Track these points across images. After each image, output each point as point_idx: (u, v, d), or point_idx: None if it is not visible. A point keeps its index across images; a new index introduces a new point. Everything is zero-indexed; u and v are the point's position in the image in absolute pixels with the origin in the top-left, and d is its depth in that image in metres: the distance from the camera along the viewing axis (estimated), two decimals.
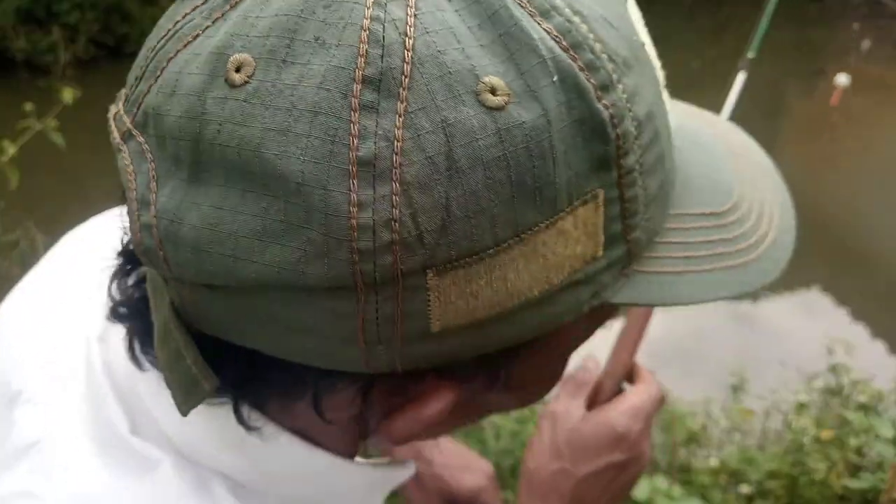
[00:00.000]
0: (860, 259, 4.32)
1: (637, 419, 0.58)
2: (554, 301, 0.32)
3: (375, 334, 0.30)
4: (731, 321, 3.79)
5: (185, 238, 0.29)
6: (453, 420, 0.38)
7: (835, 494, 1.77)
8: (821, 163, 5.55)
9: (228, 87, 0.29)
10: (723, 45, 8.51)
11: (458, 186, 0.28)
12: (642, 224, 0.33)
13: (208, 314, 0.32)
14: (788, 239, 0.42)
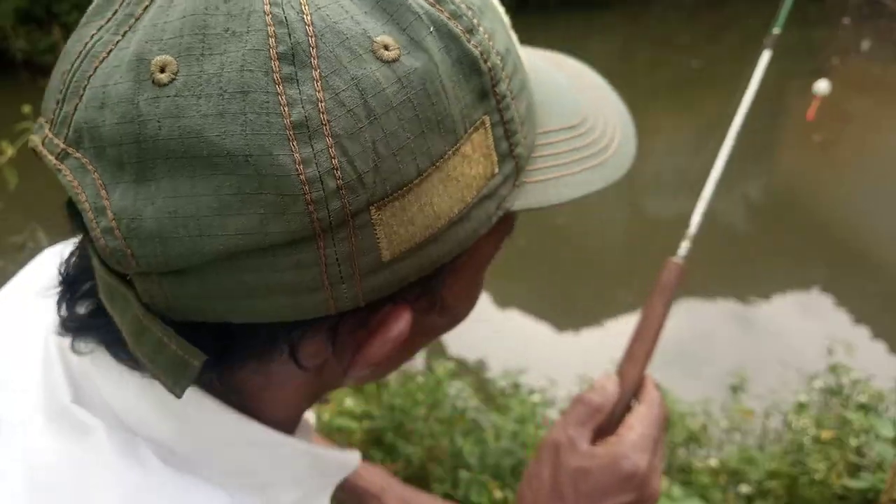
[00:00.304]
0: (860, 259, 4.32)
1: (645, 452, 0.56)
2: (470, 217, 0.38)
3: (338, 275, 0.35)
4: (732, 321, 3.79)
5: (149, 230, 0.32)
6: (409, 345, 0.43)
7: (834, 494, 1.77)
8: (821, 163, 5.55)
9: (157, 87, 0.32)
10: (723, 46, 8.51)
11: (378, 130, 0.33)
12: (522, 141, 0.40)
13: (177, 301, 0.35)
14: (631, 138, 0.49)
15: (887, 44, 8.17)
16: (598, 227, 4.88)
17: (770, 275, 4.18)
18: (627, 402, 0.60)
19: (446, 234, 0.37)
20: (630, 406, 0.60)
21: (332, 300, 0.36)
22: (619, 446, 0.56)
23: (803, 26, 8.85)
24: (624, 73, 7.76)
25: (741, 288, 4.04)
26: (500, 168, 0.39)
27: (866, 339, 3.58)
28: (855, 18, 8.88)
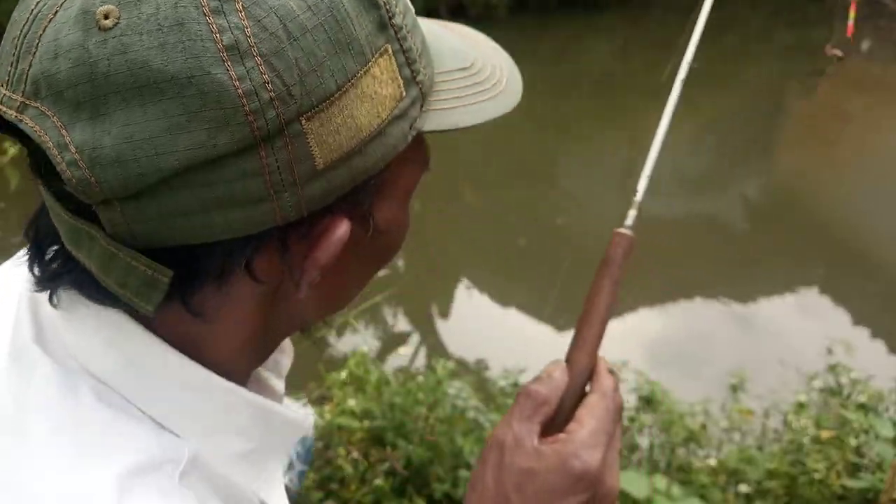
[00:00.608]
0: (860, 259, 4.32)
1: (597, 448, 0.53)
2: (387, 133, 0.44)
3: (280, 183, 0.40)
4: (731, 321, 3.79)
5: (109, 157, 0.37)
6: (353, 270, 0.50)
7: (834, 494, 1.77)
8: (820, 163, 5.55)
9: (104, 32, 0.36)
10: (722, 46, 8.51)
11: (299, 50, 0.38)
12: (422, 70, 0.46)
13: (139, 227, 0.40)
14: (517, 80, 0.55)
15: (887, 44, 8.17)
16: (597, 227, 4.88)
17: (769, 275, 4.18)
18: (579, 391, 0.56)
19: (369, 147, 0.43)
20: (583, 394, 0.56)
21: (278, 209, 0.41)
22: (569, 445, 0.53)
23: (803, 26, 8.85)
24: (623, 73, 7.76)
25: (741, 288, 4.04)
26: (407, 92, 0.45)
27: (866, 339, 3.58)
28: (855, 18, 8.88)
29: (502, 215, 4.72)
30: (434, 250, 4.42)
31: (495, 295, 4.01)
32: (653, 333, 3.67)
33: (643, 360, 3.33)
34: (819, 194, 5.03)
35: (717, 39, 8.66)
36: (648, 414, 1.89)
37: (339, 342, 3.58)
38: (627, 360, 1.92)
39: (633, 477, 1.54)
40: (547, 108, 6.69)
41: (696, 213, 4.84)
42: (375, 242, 0.50)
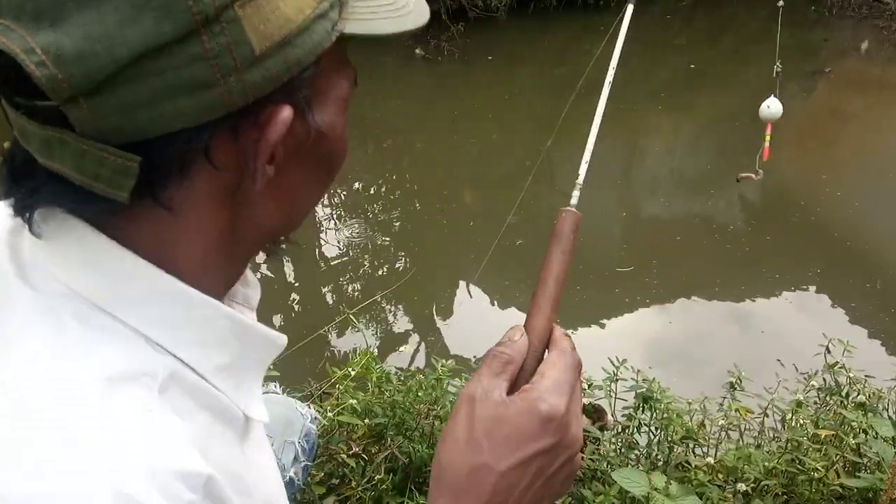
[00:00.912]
0: (859, 259, 4.32)
1: (561, 394, 0.55)
2: (313, 30, 0.50)
3: (223, 67, 0.45)
4: (731, 320, 3.80)
5: (71, 54, 0.42)
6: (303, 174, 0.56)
7: (833, 493, 1.78)
8: (820, 163, 5.56)
9: None
10: (720, 47, 8.51)
11: None
12: None
13: (103, 122, 0.44)
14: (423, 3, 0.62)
15: (887, 44, 8.17)
16: (596, 227, 4.89)
17: (768, 274, 4.19)
18: (539, 353, 0.60)
19: (298, 40, 0.49)
20: (542, 356, 0.59)
21: (226, 94, 0.46)
22: (534, 392, 0.55)
23: (803, 26, 8.85)
24: (622, 73, 7.75)
25: (739, 287, 4.04)
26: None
27: (864, 339, 3.59)
28: (855, 18, 8.88)
29: (502, 215, 4.72)
30: (434, 250, 4.43)
31: (495, 294, 4.02)
32: (651, 332, 3.67)
33: (641, 359, 3.34)
34: (818, 194, 5.03)
35: (715, 41, 8.67)
36: (646, 412, 1.89)
37: (339, 341, 3.58)
38: (626, 358, 1.92)
39: (632, 474, 1.55)
40: (546, 108, 6.69)
41: (694, 212, 4.85)
42: (319, 147, 0.56)
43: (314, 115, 0.54)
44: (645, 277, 4.11)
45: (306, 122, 0.54)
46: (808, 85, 7.28)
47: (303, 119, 0.53)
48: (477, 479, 0.53)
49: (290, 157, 0.54)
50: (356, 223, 4.97)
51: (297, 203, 0.60)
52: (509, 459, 0.53)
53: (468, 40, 7.92)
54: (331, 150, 0.59)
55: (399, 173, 5.70)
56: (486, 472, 0.53)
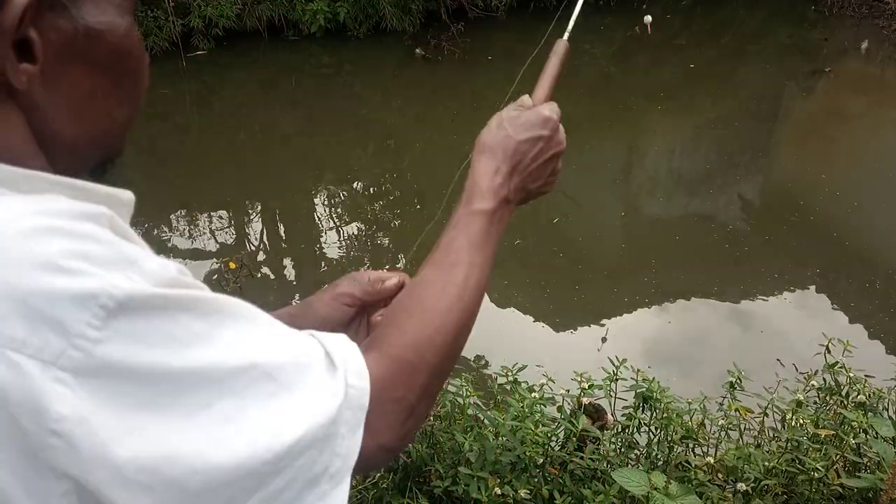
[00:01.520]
0: (858, 259, 4.33)
1: (554, 112, 0.84)
2: None
3: None
4: (730, 320, 3.80)
5: None
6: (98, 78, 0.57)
7: (833, 493, 1.78)
8: (821, 162, 5.56)
9: None
10: (719, 47, 8.52)
11: None
12: None
13: None
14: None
15: (887, 44, 8.18)
16: (595, 227, 4.89)
17: (768, 274, 4.19)
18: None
19: None
20: None
21: None
22: (539, 106, 0.85)
23: (803, 26, 8.86)
24: (622, 73, 7.76)
25: (739, 287, 4.05)
26: None
27: (864, 339, 3.59)
28: (855, 18, 8.88)
29: None
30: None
31: (494, 294, 4.02)
32: (651, 332, 3.67)
33: (641, 359, 3.34)
34: (817, 194, 5.03)
35: (714, 41, 8.68)
36: (646, 412, 1.89)
37: None
38: (626, 357, 1.92)
39: (632, 474, 1.55)
40: None
41: (694, 212, 4.85)
42: (97, 48, 0.56)
43: (79, 9, 0.54)
44: (644, 277, 4.11)
45: (70, 15, 0.53)
46: (808, 85, 7.28)
47: (64, 12, 0.53)
48: (504, 143, 0.82)
49: (61, 57, 0.53)
50: (356, 223, 4.97)
51: (93, 112, 0.58)
52: (523, 135, 0.82)
53: (468, 40, 7.92)
54: (117, 54, 0.58)
55: (399, 173, 5.70)
56: (508, 139, 0.82)
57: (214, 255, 4.46)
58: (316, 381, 0.56)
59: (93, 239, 0.49)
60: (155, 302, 0.49)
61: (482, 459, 1.70)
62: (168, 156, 5.85)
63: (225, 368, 0.51)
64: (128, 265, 0.49)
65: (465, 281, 0.73)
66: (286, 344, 0.56)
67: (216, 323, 0.52)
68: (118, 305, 0.47)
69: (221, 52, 7.73)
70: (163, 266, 0.51)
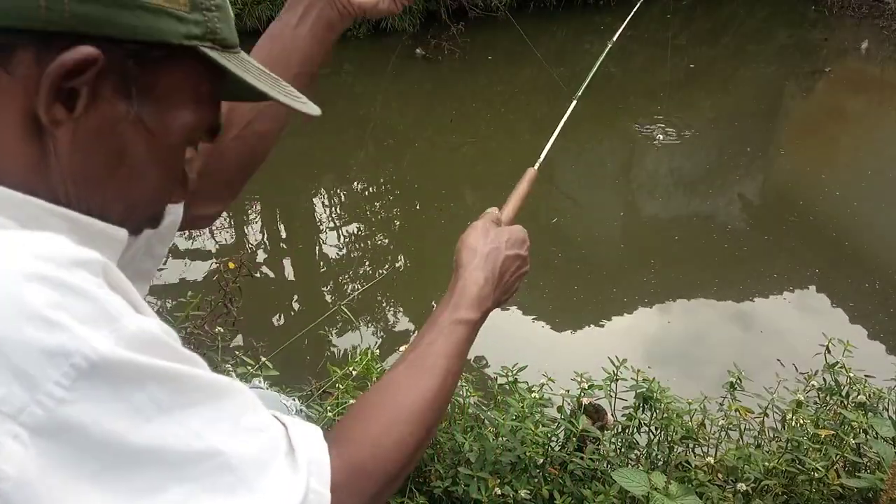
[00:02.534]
0: (858, 259, 4.33)
1: (525, 236, 0.99)
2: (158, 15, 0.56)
3: None
4: (730, 320, 3.80)
5: None
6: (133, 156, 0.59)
7: (833, 493, 1.78)
8: (820, 162, 5.56)
9: None
10: (719, 47, 8.52)
11: None
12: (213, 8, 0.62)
13: None
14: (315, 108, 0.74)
15: (887, 44, 8.18)
16: (594, 227, 4.89)
17: (768, 274, 4.19)
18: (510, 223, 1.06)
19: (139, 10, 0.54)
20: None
21: (44, 7, 0.50)
22: (515, 228, 1.00)
23: (803, 26, 8.86)
24: (622, 73, 7.76)
25: (739, 286, 4.05)
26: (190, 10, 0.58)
27: (864, 339, 3.59)
28: (855, 18, 8.88)
29: None
30: (434, 250, 4.43)
31: None
32: (651, 331, 3.67)
33: (641, 359, 3.34)
34: (817, 194, 5.03)
35: (714, 41, 8.67)
36: (646, 412, 1.89)
37: (340, 340, 3.58)
38: (626, 358, 1.92)
39: (632, 474, 1.55)
40: (546, 108, 6.69)
41: (693, 212, 4.85)
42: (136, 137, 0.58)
43: (141, 102, 0.57)
44: (644, 277, 4.11)
45: (129, 100, 0.57)
46: (808, 84, 7.28)
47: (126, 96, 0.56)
48: (494, 255, 0.92)
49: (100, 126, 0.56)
50: (356, 223, 4.97)
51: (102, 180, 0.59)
52: (509, 251, 0.94)
53: (468, 40, 7.92)
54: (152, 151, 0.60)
55: (399, 173, 5.69)
56: (499, 253, 0.93)
57: (214, 256, 4.46)
58: (276, 481, 0.54)
59: (80, 293, 0.47)
60: (128, 369, 0.47)
61: (482, 459, 1.70)
62: None
63: (184, 452, 0.49)
64: (108, 323, 0.48)
65: (439, 390, 0.74)
66: (254, 435, 0.54)
67: (187, 402, 0.50)
68: (90, 367, 0.45)
69: None
70: (143, 328, 0.49)
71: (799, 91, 7.20)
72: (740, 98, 6.94)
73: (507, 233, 0.95)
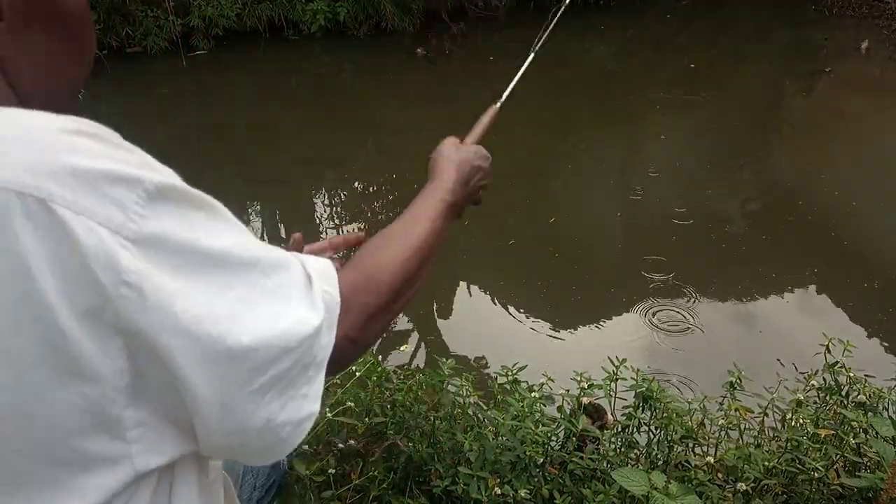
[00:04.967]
0: (858, 258, 4.33)
1: (488, 154, 1.19)
2: None
3: None
4: (729, 320, 3.80)
5: None
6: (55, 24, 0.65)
7: (833, 492, 1.78)
8: (820, 162, 5.56)
9: None
10: (719, 47, 8.52)
11: None
12: None
13: None
14: None
15: (887, 44, 8.18)
16: (594, 226, 4.89)
17: (768, 273, 4.19)
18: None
19: None
20: None
21: None
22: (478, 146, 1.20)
23: (803, 26, 8.85)
24: (622, 73, 7.76)
25: (739, 286, 4.05)
26: None
27: (864, 338, 3.59)
28: (855, 18, 8.88)
29: (501, 215, 4.72)
30: None
31: (494, 294, 4.02)
32: (650, 331, 3.67)
33: (641, 358, 3.34)
34: (817, 193, 5.04)
35: (714, 41, 8.67)
36: (646, 412, 1.89)
37: None
38: (626, 358, 1.92)
39: (631, 474, 1.55)
40: (545, 108, 6.69)
41: (693, 212, 4.85)
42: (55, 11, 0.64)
43: None
44: (642, 277, 4.11)
45: None
46: (808, 84, 7.28)
47: None
48: (464, 162, 1.11)
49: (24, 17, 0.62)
50: (356, 222, 4.97)
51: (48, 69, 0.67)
52: (476, 161, 1.14)
53: (468, 40, 7.92)
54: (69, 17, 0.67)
55: (399, 173, 5.70)
56: (467, 161, 1.12)
57: None
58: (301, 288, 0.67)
59: (126, 146, 0.59)
60: (179, 194, 0.59)
61: (482, 459, 1.70)
62: (168, 155, 5.82)
63: (239, 258, 0.61)
64: (149, 164, 0.59)
65: (425, 238, 0.92)
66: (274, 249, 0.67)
67: (220, 221, 0.62)
68: (156, 191, 0.56)
69: (221, 52, 7.73)
70: (171, 171, 0.61)
71: (799, 91, 7.20)
72: (740, 98, 6.94)
73: (474, 148, 1.16)
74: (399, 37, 8.15)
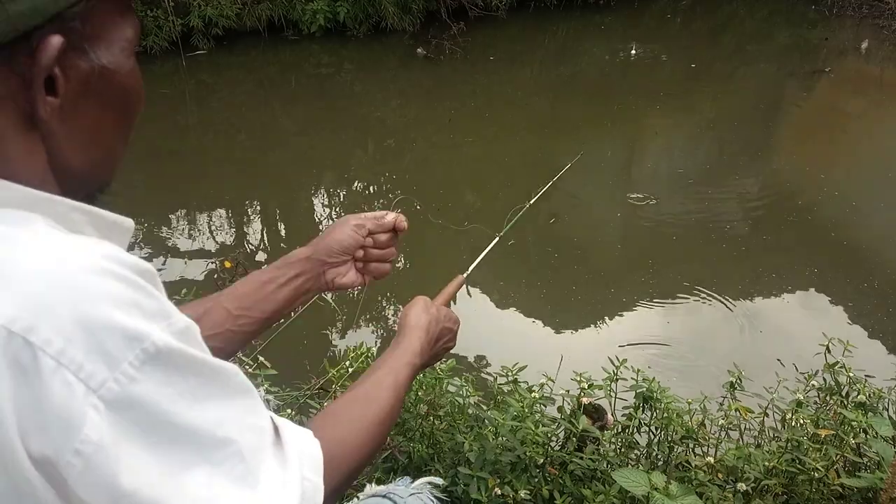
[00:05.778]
0: (858, 258, 4.33)
1: (458, 318, 1.24)
2: None
3: None
4: (729, 320, 3.80)
5: None
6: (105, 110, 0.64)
7: (833, 493, 1.77)
8: (820, 162, 5.56)
9: None
10: (719, 47, 8.52)
11: None
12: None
13: None
14: None
15: (887, 44, 8.18)
16: (594, 226, 4.89)
17: (768, 273, 4.19)
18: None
19: None
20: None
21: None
22: (449, 311, 1.24)
23: (803, 27, 8.85)
24: (622, 73, 7.76)
25: (739, 286, 4.05)
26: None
27: (864, 338, 3.59)
28: (855, 18, 8.88)
29: (501, 215, 4.73)
30: (434, 250, 4.43)
31: (494, 294, 4.02)
32: (650, 332, 3.67)
33: (641, 358, 3.34)
34: (817, 194, 5.04)
35: (714, 40, 8.67)
36: (646, 412, 1.89)
37: (342, 341, 3.59)
38: (626, 358, 1.92)
39: (632, 474, 1.55)
40: (546, 108, 6.69)
41: (693, 212, 4.85)
42: (109, 85, 0.63)
43: (96, 52, 0.61)
44: (642, 277, 4.11)
45: (88, 57, 0.60)
46: (808, 84, 7.28)
47: (84, 55, 0.60)
48: (433, 324, 1.15)
49: (79, 92, 0.60)
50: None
51: (97, 144, 0.65)
52: (445, 323, 1.18)
53: (468, 39, 7.92)
54: (122, 89, 0.65)
55: (399, 173, 5.70)
56: (437, 323, 1.16)
57: (214, 255, 4.46)
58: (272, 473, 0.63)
59: (145, 291, 0.56)
60: (178, 359, 0.56)
61: (482, 459, 1.70)
62: (168, 155, 5.85)
63: (211, 437, 0.58)
64: (164, 318, 0.56)
65: (390, 408, 0.93)
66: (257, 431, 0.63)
67: (211, 392, 0.59)
68: (156, 352, 0.54)
69: (221, 52, 7.73)
70: (188, 325, 0.59)
71: (799, 91, 7.20)
72: (740, 98, 6.94)
73: (444, 311, 1.21)
74: (399, 37, 8.15)
